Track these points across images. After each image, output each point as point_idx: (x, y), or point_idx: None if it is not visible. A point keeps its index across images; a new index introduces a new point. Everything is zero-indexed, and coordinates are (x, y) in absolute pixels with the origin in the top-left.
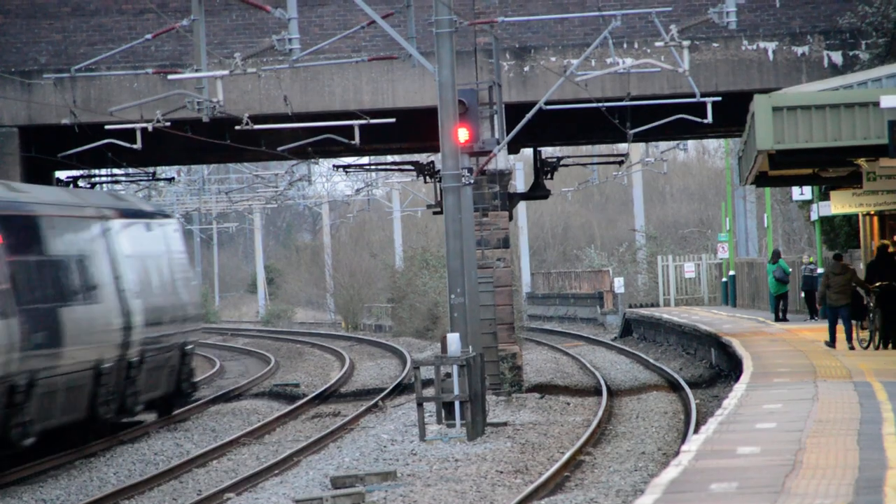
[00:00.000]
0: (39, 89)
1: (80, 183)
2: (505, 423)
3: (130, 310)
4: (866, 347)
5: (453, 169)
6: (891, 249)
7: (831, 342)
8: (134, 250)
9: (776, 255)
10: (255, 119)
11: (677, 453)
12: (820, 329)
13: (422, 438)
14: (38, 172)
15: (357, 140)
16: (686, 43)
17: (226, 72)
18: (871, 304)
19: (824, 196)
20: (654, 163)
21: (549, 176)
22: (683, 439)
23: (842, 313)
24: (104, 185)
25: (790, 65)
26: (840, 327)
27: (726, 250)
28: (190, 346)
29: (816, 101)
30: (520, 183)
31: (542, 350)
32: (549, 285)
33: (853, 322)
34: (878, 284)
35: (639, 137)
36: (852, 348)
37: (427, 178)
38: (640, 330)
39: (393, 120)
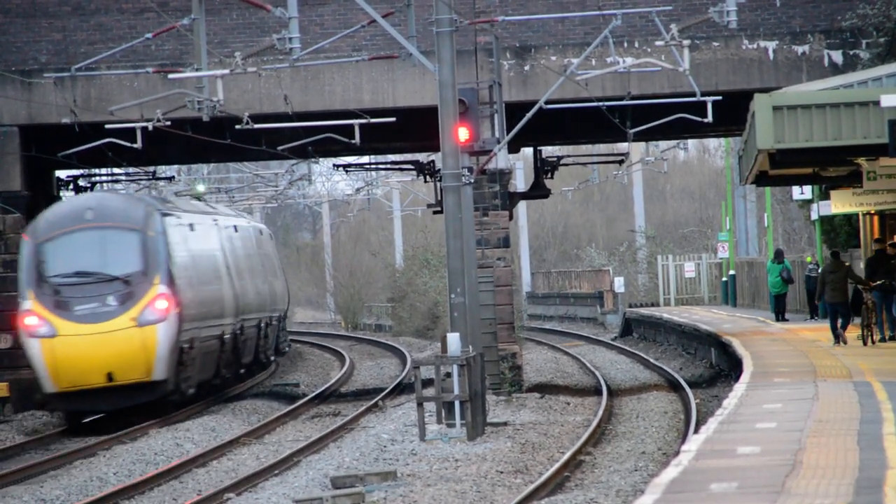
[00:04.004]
0: (40, 88)
1: (80, 182)
2: (505, 423)
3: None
4: (864, 344)
5: (453, 168)
6: (889, 250)
7: (836, 340)
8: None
9: (780, 255)
10: (256, 118)
11: (677, 453)
12: (820, 329)
13: (422, 438)
14: (38, 172)
15: (357, 139)
16: (686, 42)
17: (226, 71)
18: (868, 302)
19: (824, 195)
20: (655, 162)
21: (549, 175)
22: (683, 439)
23: (839, 310)
24: (104, 185)
25: (790, 64)
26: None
27: (726, 250)
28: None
29: (817, 101)
30: (520, 182)
31: (542, 350)
32: (549, 285)
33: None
34: (877, 283)
35: (639, 137)
36: (844, 343)
37: (427, 177)
38: (640, 329)
39: (393, 119)
